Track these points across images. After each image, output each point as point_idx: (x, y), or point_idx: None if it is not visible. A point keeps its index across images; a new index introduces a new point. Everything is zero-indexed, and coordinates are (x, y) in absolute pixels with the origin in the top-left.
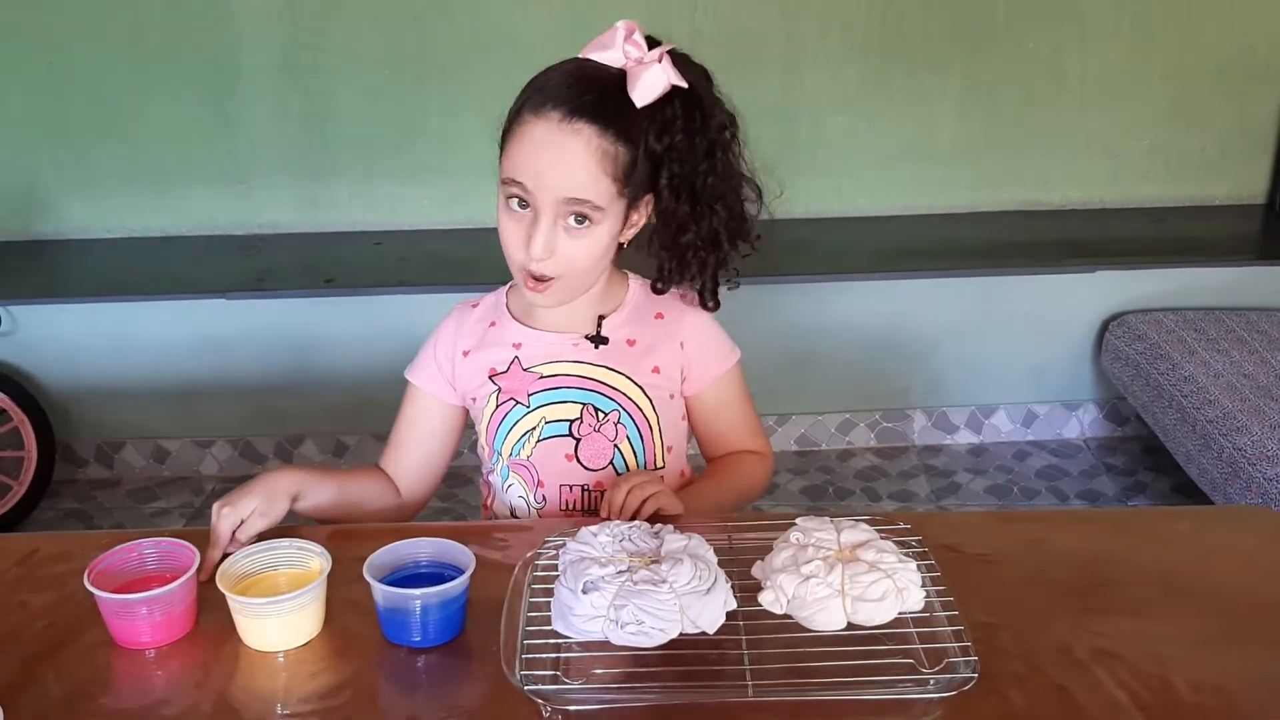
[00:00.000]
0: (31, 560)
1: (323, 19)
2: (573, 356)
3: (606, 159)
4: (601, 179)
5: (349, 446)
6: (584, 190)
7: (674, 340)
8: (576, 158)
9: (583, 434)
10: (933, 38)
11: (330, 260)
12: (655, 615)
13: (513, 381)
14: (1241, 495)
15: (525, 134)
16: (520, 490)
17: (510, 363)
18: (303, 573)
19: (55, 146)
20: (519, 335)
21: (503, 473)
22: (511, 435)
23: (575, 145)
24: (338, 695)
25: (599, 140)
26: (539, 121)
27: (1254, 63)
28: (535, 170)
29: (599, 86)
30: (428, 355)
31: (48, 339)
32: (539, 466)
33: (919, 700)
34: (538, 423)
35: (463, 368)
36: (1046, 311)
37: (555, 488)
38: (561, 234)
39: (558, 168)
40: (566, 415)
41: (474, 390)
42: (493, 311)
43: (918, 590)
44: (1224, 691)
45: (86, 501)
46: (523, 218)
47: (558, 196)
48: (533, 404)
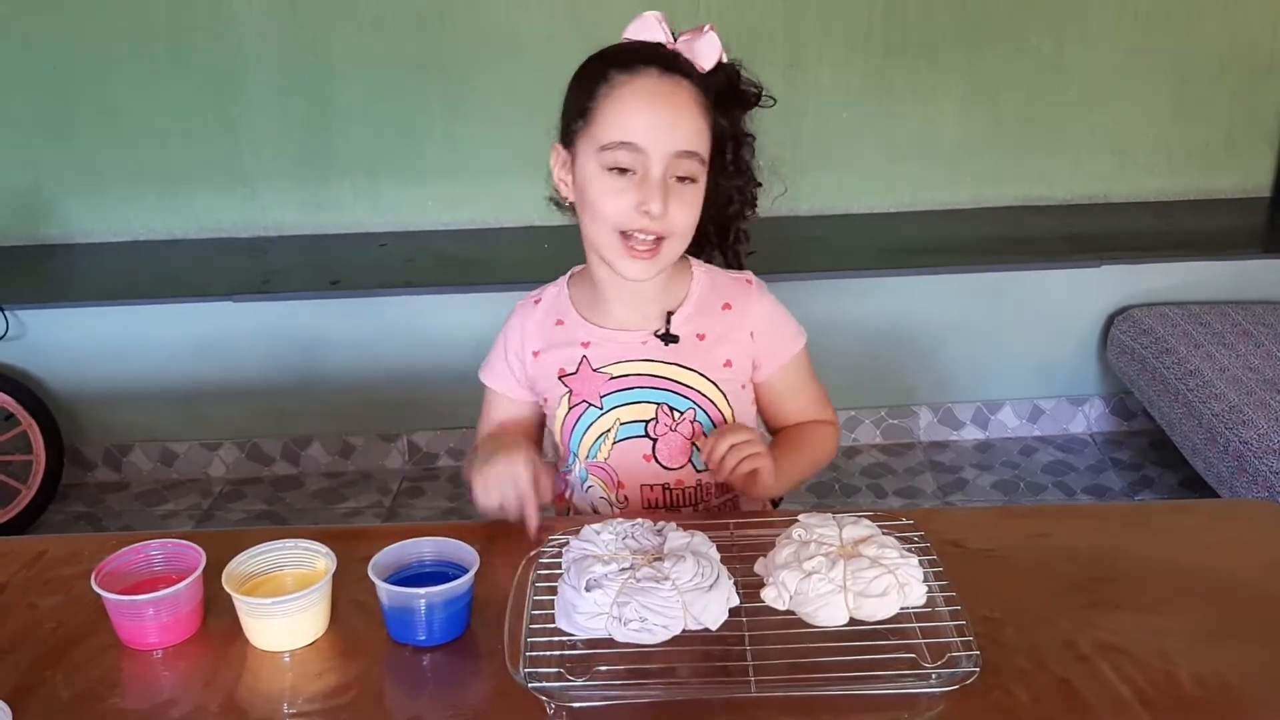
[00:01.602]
0: (40, 563)
1: (326, 20)
2: (642, 355)
3: (704, 110)
4: (704, 130)
5: (356, 447)
6: (694, 141)
7: (743, 330)
8: (686, 108)
9: (659, 434)
10: (936, 33)
11: (335, 262)
12: (658, 612)
13: (583, 383)
14: (1248, 489)
15: (626, 93)
16: (600, 491)
17: (579, 363)
18: (308, 573)
19: (60, 150)
20: (586, 334)
21: (581, 474)
22: (587, 438)
23: (682, 97)
24: (344, 694)
25: (696, 92)
26: (638, 78)
27: (1258, 56)
28: (647, 125)
29: (668, 51)
30: (498, 357)
31: (55, 343)
32: (617, 468)
33: (922, 695)
34: (612, 424)
35: (535, 369)
36: (1052, 306)
37: (636, 488)
38: (670, 192)
39: (672, 119)
40: (641, 416)
41: (546, 391)
42: (557, 308)
43: (920, 585)
44: (1228, 685)
45: (95, 505)
46: (627, 182)
47: (671, 150)
48: (605, 406)
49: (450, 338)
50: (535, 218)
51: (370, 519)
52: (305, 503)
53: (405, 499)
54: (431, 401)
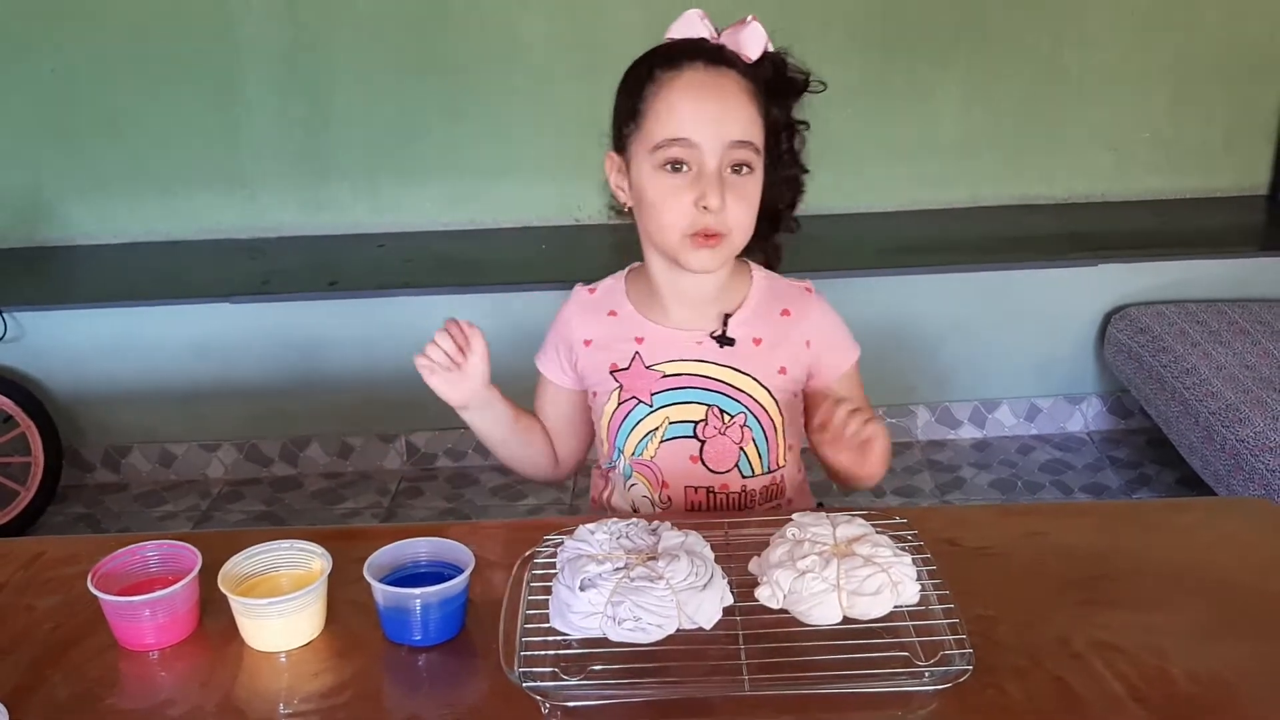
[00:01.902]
0: (38, 564)
1: (324, 21)
2: (696, 355)
3: (755, 99)
4: (756, 119)
5: (355, 448)
6: (747, 131)
7: (800, 338)
8: (735, 98)
9: (708, 436)
10: (934, 32)
11: (334, 263)
12: (652, 611)
13: (635, 379)
14: (1244, 487)
15: (673, 89)
16: (644, 490)
17: (632, 358)
18: (304, 573)
19: (59, 152)
20: (641, 329)
21: (625, 471)
22: (634, 434)
23: (730, 86)
24: (340, 694)
25: (744, 83)
26: (684, 73)
27: (1255, 54)
28: (697, 119)
29: (711, 45)
30: (549, 342)
31: (54, 344)
32: (663, 467)
33: (915, 693)
34: (661, 423)
35: (585, 358)
36: (1049, 305)
37: (680, 489)
38: (727, 185)
39: (722, 110)
40: (691, 416)
41: (595, 384)
42: (611, 299)
43: (913, 584)
44: (1222, 682)
45: (94, 506)
46: (682, 179)
47: (724, 141)
48: (656, 404)
49: None
50: (534, 218)
51: (369, 519)
52: (304, 503)
53: (404, 499)
54: (430, 402)
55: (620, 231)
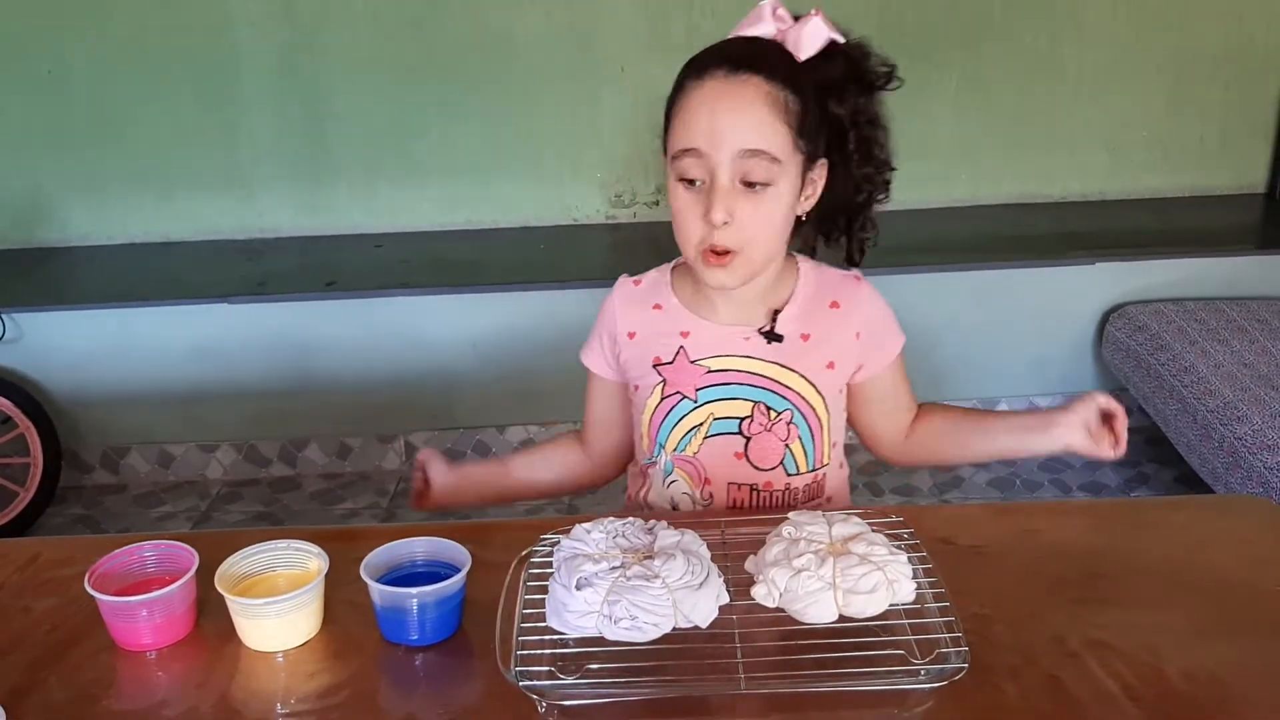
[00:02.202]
0: (34, 565)
1: (320, 22)
2: (743, 351)
3: (778, 105)
4: (777, 127)
5: (353, 449)
6: (760, 139)
7: (849, 331)
8: (748, 104)
9: (753, 433)
10: (930, 32)
11: (331, 263)
12: (648, 610)
13: (679, 374)
14: (1242, 485)
15: (691, 99)
16: (685, 486)
17: (676, 353)
18: (301, 573)
19: (57, 154)
20: (686, 323)
21: (666, 467)
22: (677, 430)
23: (745, 93)
24: (337, 694)
25: (768, 86)
26: (704, 82)
27: (1252, 51)
28: (707, 128)
29: (758, 46)
30: (594, 335)
31: (52, 346)
32: (706, 464)
33: (911, 691)
34: (705, 419)
35: (628, 350)
36: (1047, 304)
37: (723, 485)
38: (740, 199)
39: (731, 119)
40: (737, 413)
41: (637, 377)
42: (656, 292)
43: (909, 582)
44: (1216, 680)
45: (93, 507)
46: (697, 192)
47: (734, 150)
48: (700, 399)
49: (447, 338)
50: (531, 218)
51: (368, 520)
52: (303, 504)
53: (402, 500)
54: (428, 402)
55: (619, 231)
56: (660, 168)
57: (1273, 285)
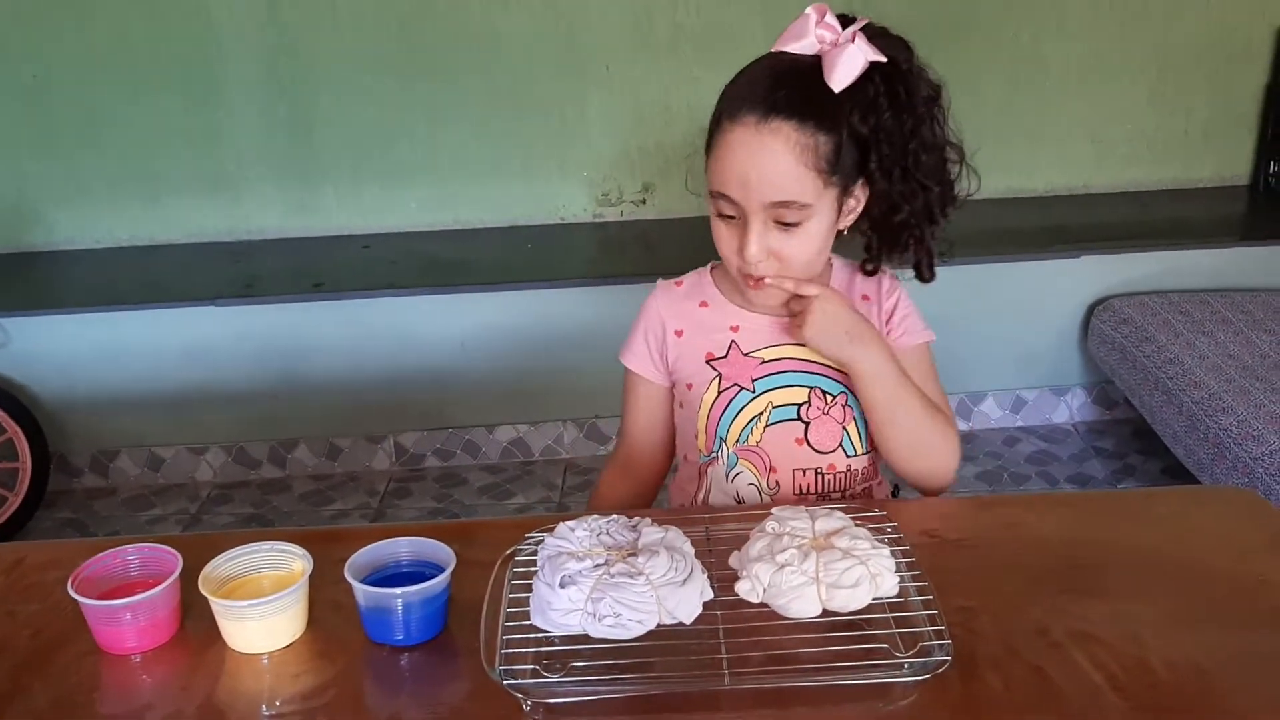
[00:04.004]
0: (19, 569)
1: (305, 24)
2: (792, 340)
3: (808, 153)
4: (805, 175)
5: (342, 449)
6: (789, 191)
7: (880, 319)
8: (777, 159)
9: (812, 417)
10: (913, 27)
11: (319, 265)
12: (632, 607)
13: (734, 367)
14: (1228, 475)
15: (725, 143)
16: (750, 477)
17: (728, 347)
18: (285, 575)
19: (41, 158)
20: (735, 318)
21: (729, 460)
22: (738, 422)
23: (774, 146)
24: (322, 695)
25: (798, 135)
26: (736, 128)
27: (1234, 43)
28: (739, 179)
29: (793, 80)
30: (637, 336)
31: (40, 350)
32: (770, 452)
33: (895, 685)
34: (765, 408)
35: (676, 350)
36: (1032, 297)
37: (788, 472)
38: (774, 235)
39: (760, 172)
40: (794, 400)
41: (690, 375)
42: (700, 290)
43: (892, 576)
44: (1200, 670)
45: (82, 511)
46: (734, 225)
47: (764, 201)
48: (758, 389)
49: (435, 338)
50: (518, 217)
51: (358, 520)
52: (292, 506)
53: (392, 500)
54: (417, 402)
55: (606, 230)
56: (646, 167)
57: (1257, 277)
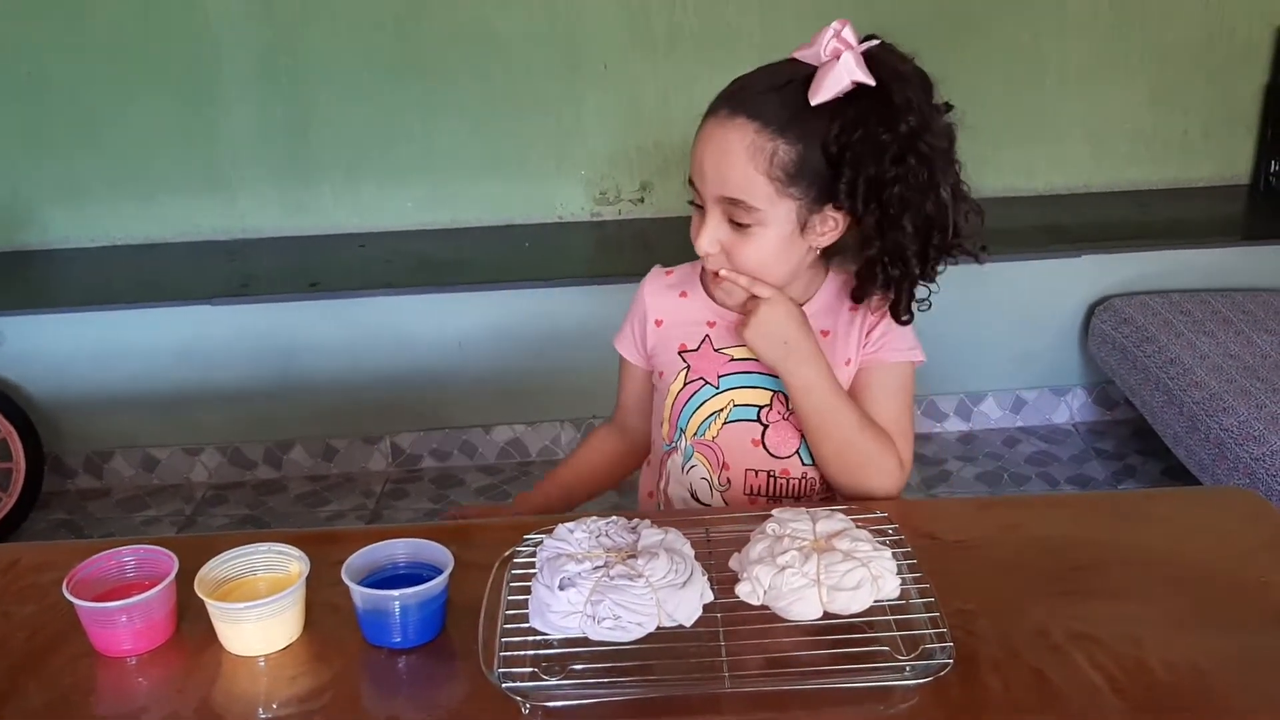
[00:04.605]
0: (13, 571)
1: (301, 22)
2: (735, 339)
3: (761, 156)
4: (756, 178)
5: (338, 450)
6: (737, 189)
7: (865, 327)
8: (730, 155)
9: (771, 421)
10: (912, 26)
11: (315, 264)
12: (631, 610)
13: (703, 361)
14: (1229, 476)
15: (700, 131)
16: (704, 471)
17: (702, 341)
18: (282, 576)
19: (36, 157)
20: (713, 313)
21: (686, 452)
22: (698, 415)
23: (731, 141)
24: (319, 698)
25: (756, 137)
26: (710, 118)
27: (1234, 43)
28: (699, 166)
29: (776, 84)
30: (628, 322)
31: (34, 350)
32: (725, 448)
33: (896, 688)
34: (726, 405)
35: (654, 337)
36: (1032, 297)
37: (740, 471)
38: (727, 231)
39: (714, 164)
40: (756, 401)
41: (663, 363)
42: (685, 282)
43: (893, 578)
44: (1200, 672)
45: (76, 512)
46: (698, 215)
47: (714, 193)
48: (722, 386)
49: (431, 338)
50: (516, 216)
51: (354, 522)
52: (288, 507)
53: (389, 501)
54: (414, 403)
55: (604, 228)
56: (644, 166)
57: (1257, 276)
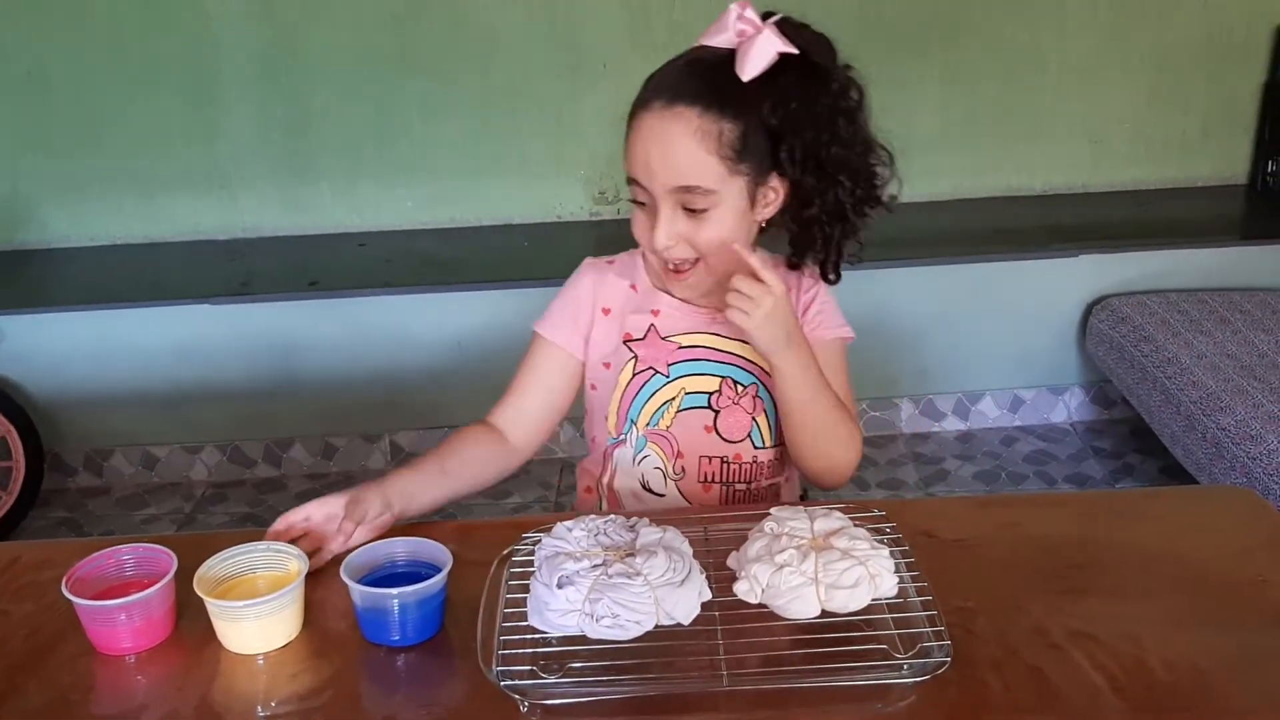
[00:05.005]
0: (13, 569)
1: (301, 21)
2: (711, 329)
3: (709, 139)
4: (708, 160)
5: (338, 448)
6: (690, 175)
7: (799, 311)
8: (679, 143)
9: (722, 406)
10: (912, 26)
11: (314, 263)
12: (630, 608)
13: (651, 350)
14: (1226, 475)
15: (633, 129)
16: (658, 461)
17: (647, 330)
18: (281, 575)
19: (36, 155)
20: (657, 301)
21: (638, 443)
22: (650, 405)
23: (675, 129)
24: (318, 696)
25: (700, 121)
26: (643, 114)
27: (1232, 43)
28: (644, 163)
29: (703, 69)
30: (558, 307)
31: (34, 348)
32: (679, 438)
33: (894, 686)
34: (677, 393)
35: (600, 326)
36: (1031, 296)
37: (695, 459)
38: (683, 221)
39: (662, 156)
40: (706, 388)
41: (607, 354)
42: (631, 272)
43: (891, 576)
44: (1198, 670)
45: (77, 510)
46: (647, 211)
47: (668, 186)
48: (673, 374)
49: (431, 337)
50: (514, 216)
51: None
52: (288, 505)
53: None
54: (413, 401)
55: (602, 228)
56: None
57: (1255, 276)
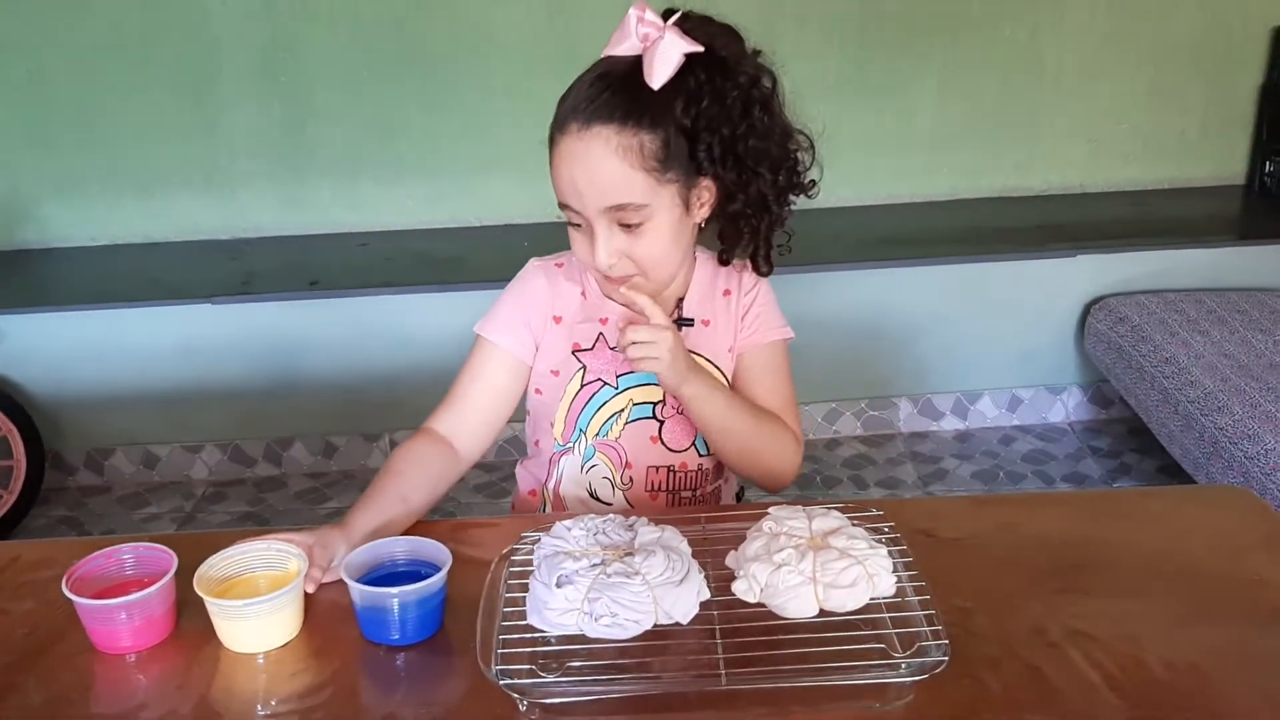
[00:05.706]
0: (13, 568)
1: (301, 20)
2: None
3: (632, 154)
4: (634, 176)
5: (338, 448)
6: (619, 194)
7: (739, 313)
8: (602, 164)
9: (666, 416)
10: (911, 25)
11: (315, 262)
12: (629, 607)
13: (599, 361)
14: (1223, 474)
15: (556, 154)
16: (606, 471)
17: (596, 339)
18: (281, 574)
19: (36, 155)
20: (605, 310)
21: (586, 452)
22: (599, 416)
23: (595, 150)
24: (318, 695)
25: (618, 137)
26: (562, 138)
27: (1231, 43)
28: (571, 187)
29: (611, 82)
30: (508, 311)
31: (34, 348)
32: (627, 448)
33: (892, 684)
34: (626, 405)
35: (551, 334)
36: (1029, 296)
37: (642, 469)
38: (621, 238)
39: (588, 179)
40: (652, 398)
41: (556, 363)
42: (580, 276)
43: (889, 576)
44: (1196, 669)
45: (77, 509)
46: (584, 232)
47: (598, 207)
48: (621, 385)
49: (431, 336)
50: (514, 215)
51: None
52: (288, 504)
53: None
54: (413, 400)
55: None
56: None
57: (1253, 276)
